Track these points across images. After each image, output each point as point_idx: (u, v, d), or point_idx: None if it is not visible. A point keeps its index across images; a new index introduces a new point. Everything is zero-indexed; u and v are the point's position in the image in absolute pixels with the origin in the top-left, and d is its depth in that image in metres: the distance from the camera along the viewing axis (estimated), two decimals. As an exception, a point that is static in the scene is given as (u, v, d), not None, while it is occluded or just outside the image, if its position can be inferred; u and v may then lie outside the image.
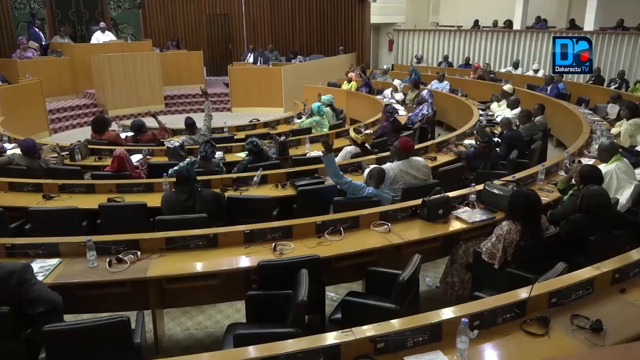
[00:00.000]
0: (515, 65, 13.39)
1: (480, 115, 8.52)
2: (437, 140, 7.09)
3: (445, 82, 11.36)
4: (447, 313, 2.71)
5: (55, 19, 13.78)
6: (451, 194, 4.57)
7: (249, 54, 14.72)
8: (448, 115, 10.46)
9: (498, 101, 9.35)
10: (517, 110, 8.11)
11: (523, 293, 2.84)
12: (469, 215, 4.35)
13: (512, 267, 3.55)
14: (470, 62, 14.36)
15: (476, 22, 15.43)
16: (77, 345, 2.81)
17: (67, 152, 6.61)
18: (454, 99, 10.32)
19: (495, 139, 6.58)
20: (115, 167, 5.65)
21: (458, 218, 4.35)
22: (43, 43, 12.81)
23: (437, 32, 16.01)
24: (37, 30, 12.87)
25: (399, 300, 3.16)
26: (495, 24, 15.02)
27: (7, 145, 7.09)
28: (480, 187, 4.69)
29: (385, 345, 2.52)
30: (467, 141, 7.08)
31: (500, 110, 8.86)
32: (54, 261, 3.61)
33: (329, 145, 4.74)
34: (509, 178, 4.97)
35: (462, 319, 2.50)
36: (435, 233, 4.18)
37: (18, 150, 6.13)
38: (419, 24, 16.87)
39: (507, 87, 9.46)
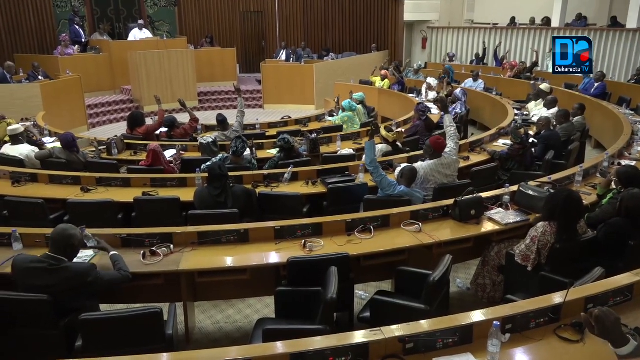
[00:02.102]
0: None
1: (516, 114, 8.34)
2: (470, 139, 6.97)
3: (480, 81, 11.16)
4: (479, 315, 2.66)
5: (95, 16, 14.16)
6: (484, 195, 4.49)
7: (282, 51, 14.80)
8: (482, 114, 10.28)
9: (535, 100, 9.13)
10: (554, 110, 7.90)
11: (558, 297, 2.77)
12: (502, 217, 4.27)
13: (547, 270, 3.47)
14: (485, 59, 14.13)
15: (512, 19, 15.09)
16: (112, 334, 2.90)
17: (104, 147, 6.80)
18: (488, 98, 10.13)
19: (531, 140, 6.43)
20: (149, 162, 5.78)
21: (491, 219, 4.27)
22: (83, 40, 13.19)
23: (471, 30, 15.74)
24: (77, 27, 13.26)
25: (429, 301, 3.12)
26: (532, 21, 14.66)
27: (47, 139, 7.34)
28: (514, 188, 4.60)
29: (415, 346, 2.49)
30: (501, 141, 6.95)
31: (537, 110, 8.65)
32: (90, 252, 3.71)
33: (374, 130, 4.73)
34: (545, 179, 4.86)
35: (494, 322, 2.46)
36: (467, 234, 4.11)
37: (58, 144, 6.32)
38: (453, 21, 16.63)
39: (544, 85, 9.22)
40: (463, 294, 4.54)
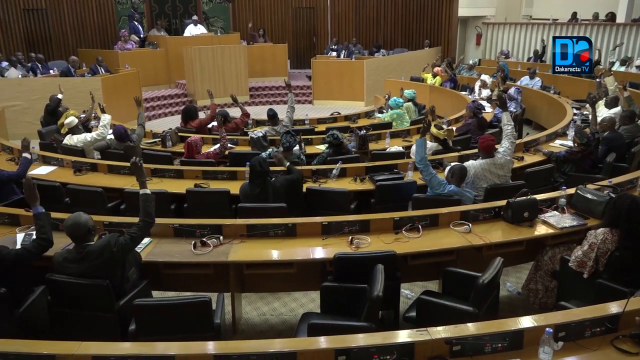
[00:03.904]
0: (623, 62, 12.35)
1: (575, 114, 7.98)
2: (525, 139, 6.74)
3: (537, 79, 10.76)
4: (530, 321, 2.58)
5: (153, 13, 14.65)
6: (539, 197, 4.34)
7: (333, 47, 14.80)
8: (538, 113, 9.92)
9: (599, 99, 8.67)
10: (616, 110, 7.50)
11: (616, 307, 2.64)
12: (557, 220, 4.11)
13: (604, 277, 3.31)
14: (544, 57, 13.56)
15: (574, 14, 14.43)
16: (163, 320, 3.01)
17: (159, 139, 7.03)
18: (545, 97, 9.76)
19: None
20: (185, 154, 5.99)
21: (545, 222, 4.12)
22: (141, 36, 13.68)
23: (529, 26, 15.18)
24: (136, 23, 13.75)
25: (477, 304, 3.05)
26: (595, 16, 13.97)
27: (105, 131, 7.63)
28: (571, 190, 4.41)
29: (462, 349, 2.45)
30: (558, 141, 6.69)
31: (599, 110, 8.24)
32: (145, 240, 3.84)
33: (426, 127, 4.69)
34: (605, 182, 4.62)
35: (547, 329, 2.38)
36: (519, 236, 3.99)
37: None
38: (510, 17, 16.09)
39: (609, 79, 8.74)
40: (513, 298, 4.41)
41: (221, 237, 3.89)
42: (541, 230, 4.05)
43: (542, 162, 5.85)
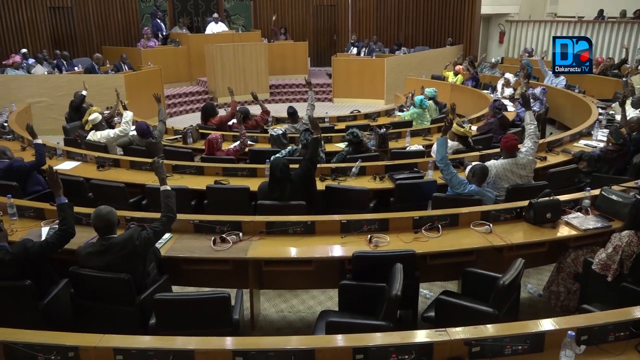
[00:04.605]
0: None
1: (600, 114, 7.82)
2: (549, 139, 6.63)
3: (562, 78, 10.54)
4: (552, 323, 2.55)
5: (175, 10, 14.80)
6: (562, 197, 4.26)
7: (353, 44, 14.76)
8: (562, 112, 9.73)
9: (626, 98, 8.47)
10: (644, 110, 7.32)
11: (641, 311, 2.58)
12: (581, 222, 4.03)
13: (629, 281, 3.24)
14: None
15: (600, 12, 14.12)
16: (183, 314, 3.04)
17: (180, 136, 7.10)
18: (570, 96, 9.57)
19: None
20: (206, 150, 6.04)
21: (568, 224, 4.05)
22: (163, 33, 13.83)
23: (554, 24, 14.90)
24: (159, 21, 13.92)
25: (497, 305, 3.01)
26: (623, 14, 13.65)
27: (128, 128, 7.74)
28: (596, 192, 4.33)
29: (481, 350, 2.42)
30: (582, 141, 6.56)
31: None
32: (166, 236, 3.89)
33: (448, 126, 4.68)
34: (632, 184, 4.52)
35: (569, 332, 2.34)
36: (541, 237, 3.92)
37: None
38: (535, 14, 15.81)
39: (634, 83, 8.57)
40: (534, 300, 4.35)
41: (240, 234, 3.92)
42: (564, 231, 3.99)
43: (566, 163, 5.74)
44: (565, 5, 15.65)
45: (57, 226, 3.46)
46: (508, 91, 9.89)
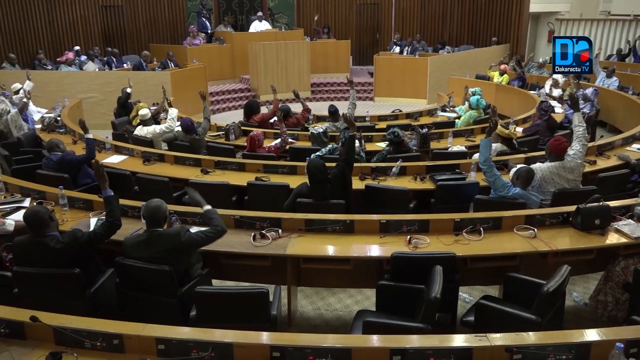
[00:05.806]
0: None
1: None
2: (599, 142, 6.38)
3: (614, 78, 10.13)
4: (598, 334, 2.45)
5: (220, 9, 15.07)
6: (612, 203, 4.09)
7: (396, 43, 14.62)
8: (614, 115, 9.35)
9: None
10: None
11: (697, 325, 2.45)
12: (632, 229, 3.86)
13: (684, 293, 3.09)
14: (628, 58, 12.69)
15: (659, 10, 13.48)
16: (222, 308, 3.09)
17: (223, 132, 7.22)
18: (622, 98, 9.18)
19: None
20: (248, 147, 6.12)
21: (618, 231, 3.89)
22: (209, 32, 14.11)
23: (607, 22, 14.31)
24: (204, 20, 14.20)
25: (541, 312, 2.92)
26: (683, 12, 12.99)
27: (173, 124, 7.95)
28: (649, 198, 4.14)
29: (523, 358, 2.36)
30: (635, 145, 6.28)
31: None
32: (196, 228, 3.95)
33: (492, 127, 4.59)
34: (688, 191, 4.30)
35: (617, 344, 2.24)
36: (589, 244, 3.78)
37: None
38: (587, 12, 15.23)
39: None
40: (579, 309, 4.19)
41: (280, 230, 3.95)
42: (613, 239, 3.83)
43: (617, 167, 5.51)
44: (620, 3, 14.98)
45: (104, 217, 3.59)
46: (557, 92, 9.57)
